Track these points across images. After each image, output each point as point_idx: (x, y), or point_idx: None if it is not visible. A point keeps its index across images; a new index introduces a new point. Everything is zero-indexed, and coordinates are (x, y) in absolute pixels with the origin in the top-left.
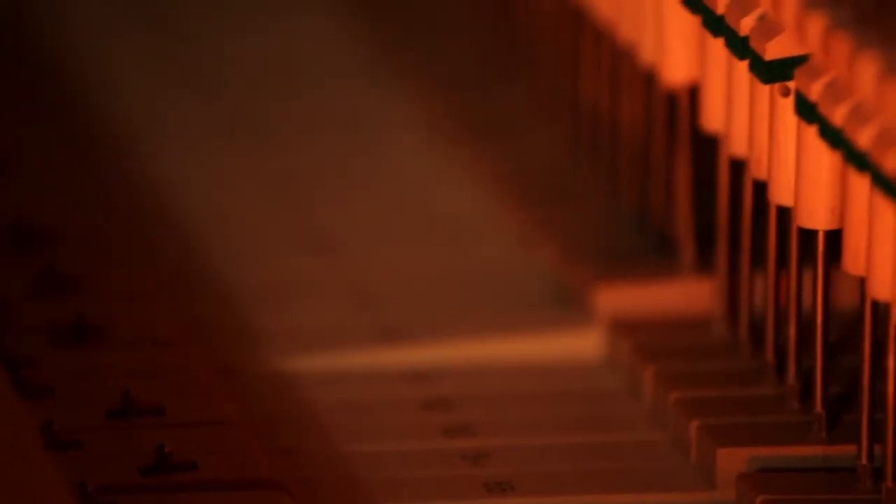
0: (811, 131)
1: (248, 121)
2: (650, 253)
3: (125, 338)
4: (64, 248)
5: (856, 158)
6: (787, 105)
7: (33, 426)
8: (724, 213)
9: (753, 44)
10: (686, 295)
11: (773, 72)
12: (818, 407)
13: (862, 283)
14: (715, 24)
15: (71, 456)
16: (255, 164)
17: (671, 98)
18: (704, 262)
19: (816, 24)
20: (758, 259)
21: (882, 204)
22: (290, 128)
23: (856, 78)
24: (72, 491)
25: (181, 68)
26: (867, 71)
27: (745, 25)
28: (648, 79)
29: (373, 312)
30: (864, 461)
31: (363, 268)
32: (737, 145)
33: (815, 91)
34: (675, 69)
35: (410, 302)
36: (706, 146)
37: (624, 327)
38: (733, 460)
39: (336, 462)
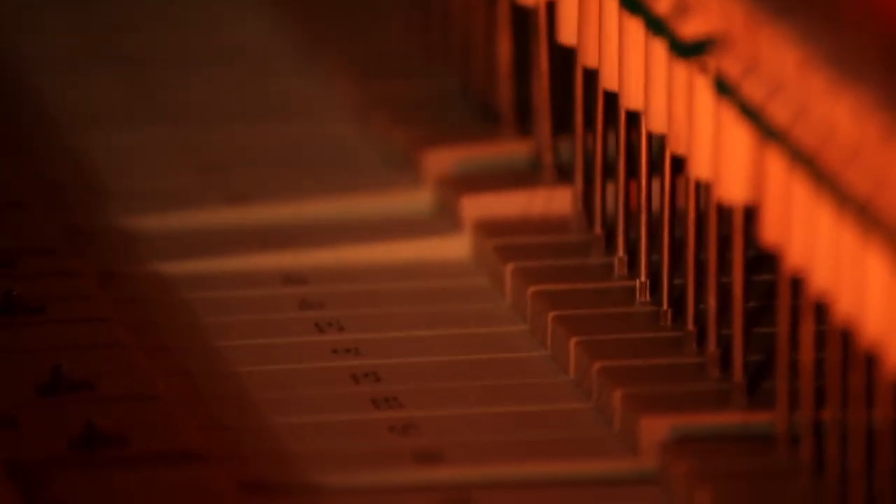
0: (729, 108)
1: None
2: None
3: (55, 314)
4: None
5: (772, 133)
6: (706, 82)
7: None
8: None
9: (671, 22)
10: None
11: (690, 50)
12: (738, 375)
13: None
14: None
15: (1, 433)
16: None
17: None
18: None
19: (734, 4)
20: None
21: (799, 177)
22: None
23: (771, 55)
24: (3, 468)
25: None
26: (783, 47)
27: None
28: None
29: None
30: (782, 429)
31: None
32: (655, 122)
33: (732, 68)
34: None
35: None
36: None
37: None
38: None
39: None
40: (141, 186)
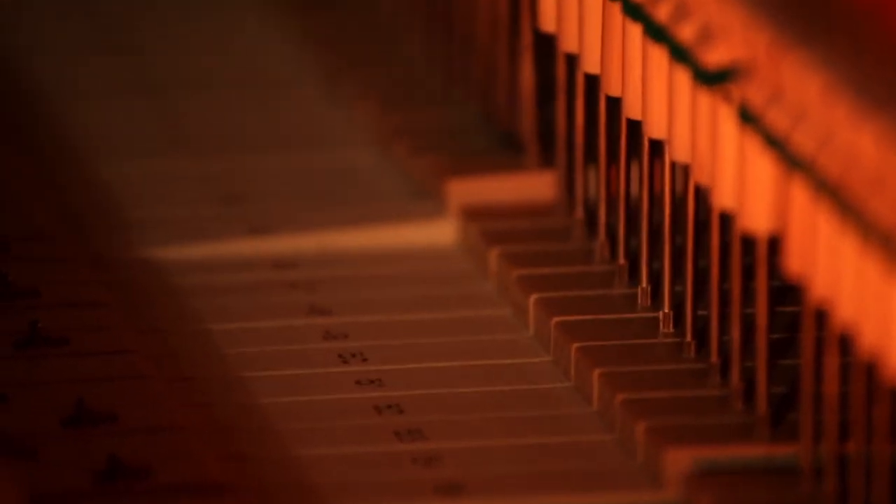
0: (753, 137)
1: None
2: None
3: (78, 345)
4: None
5: (796, 162)
6: (730, 111)
7: None
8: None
9: (695, 51)
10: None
11: (714, 78)
12: (762, 408)
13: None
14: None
15: (24, 464)
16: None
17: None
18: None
19: (758, 32)
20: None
21: (823, 207)
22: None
23: (795, 83)
24: (25, 500)
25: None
26: (806, 75)
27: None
28: None
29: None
30: (806, 462)
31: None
32: (679, 151)
33: (756, 97)
34: None
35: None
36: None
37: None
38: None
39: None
40: (162, 216)
